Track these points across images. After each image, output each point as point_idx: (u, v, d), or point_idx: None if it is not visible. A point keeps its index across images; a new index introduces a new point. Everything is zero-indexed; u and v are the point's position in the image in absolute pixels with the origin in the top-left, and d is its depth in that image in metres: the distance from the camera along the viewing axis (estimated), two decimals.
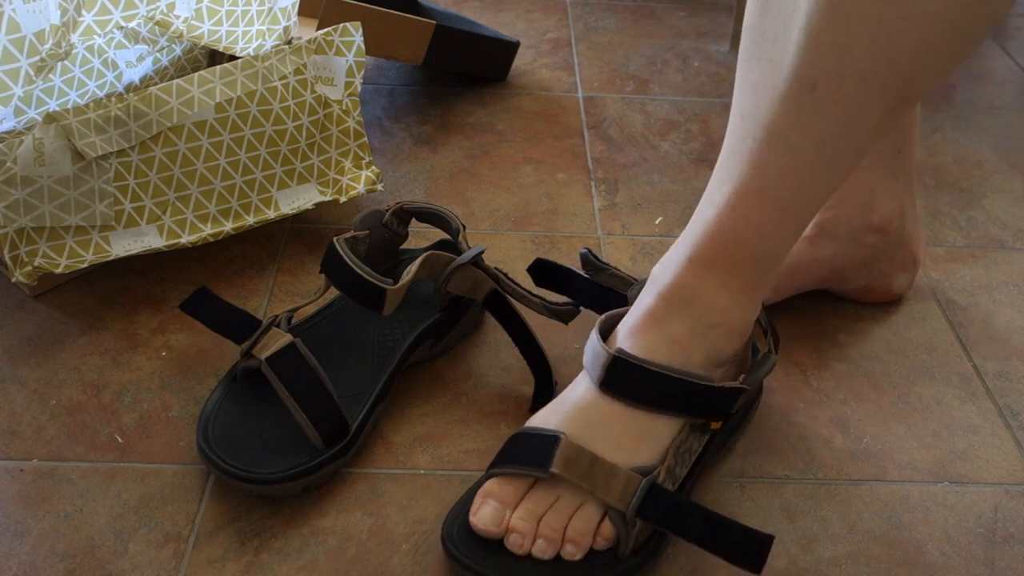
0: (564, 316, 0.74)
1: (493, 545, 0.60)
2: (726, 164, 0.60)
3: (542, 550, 0.59)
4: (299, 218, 0.92)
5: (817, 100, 0.54)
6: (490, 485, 0.61)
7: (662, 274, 0.63)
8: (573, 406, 0.63)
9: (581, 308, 0.75)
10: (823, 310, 0.85)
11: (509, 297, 0.73)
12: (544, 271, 0.77)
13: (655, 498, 0.59)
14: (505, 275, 0.72)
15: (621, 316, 0.66)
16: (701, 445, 0.64)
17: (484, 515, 0.60)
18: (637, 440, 0.61)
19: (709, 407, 0.62)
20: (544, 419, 0.63)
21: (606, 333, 0.66)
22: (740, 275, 0.61)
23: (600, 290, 0.74)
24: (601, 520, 0.59)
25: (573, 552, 0.59)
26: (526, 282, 0.78)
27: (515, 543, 0.59)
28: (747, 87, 0.58)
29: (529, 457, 0.60)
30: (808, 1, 0.52)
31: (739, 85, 0.59)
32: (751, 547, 0.57)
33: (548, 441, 0.60)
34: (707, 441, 0.65)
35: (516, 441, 0.63)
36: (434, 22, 1.05)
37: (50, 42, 0.74)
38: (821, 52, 0.52)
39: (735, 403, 0.63)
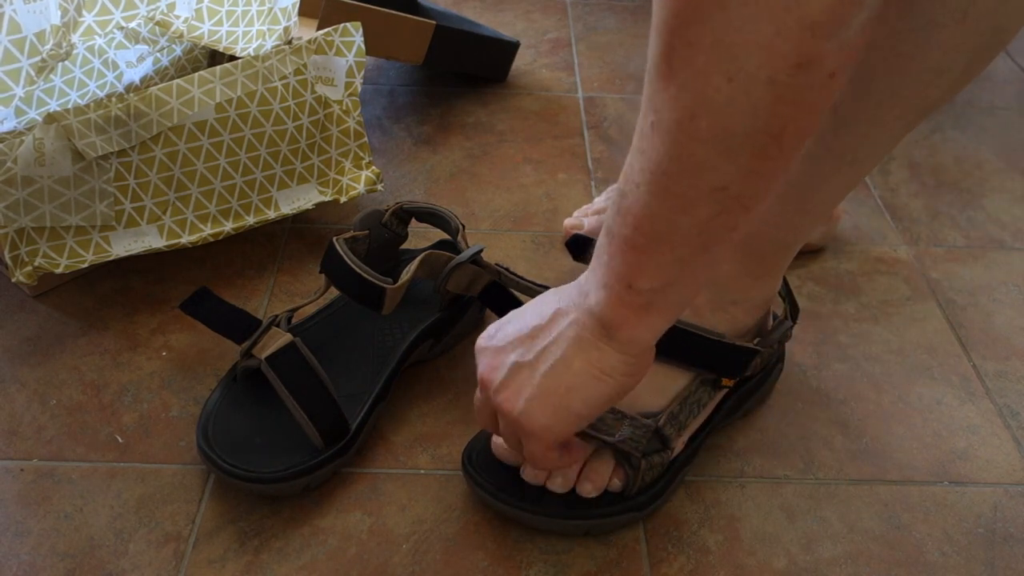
0: None
1: (510, 472, 0.64)
2: None
3: (557, 485, 0.63)
4: (299, 218, 0.92)
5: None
6: None
7: None
8: None
9: None
10: (823, 311, 0.85)
11: (513, 291, 0.73)
12: (579, 246, 0.81)
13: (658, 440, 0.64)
14: (507, 270, 0.72)
15: None
16: (712, 399, 0.68)
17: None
18: (652, 389, 0.65)
19: (720, 362, 0.66)
20: None
21: None
22: (762, 261, 0.64)
23: None
24: (617, 463, 0.64)
25: (589, 489, 0.63)
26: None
27: (531, 474, 0.64)
28: None
29: None
30: None
31: None
32: None
33: None
34: (721, 398, 0.69)
35: None
36: (434, 22, 1.05)
37: (51, 42, 0.74)
38: None
39: (748, 364, 0.66)
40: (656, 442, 0.64)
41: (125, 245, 0.78)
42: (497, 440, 0.65)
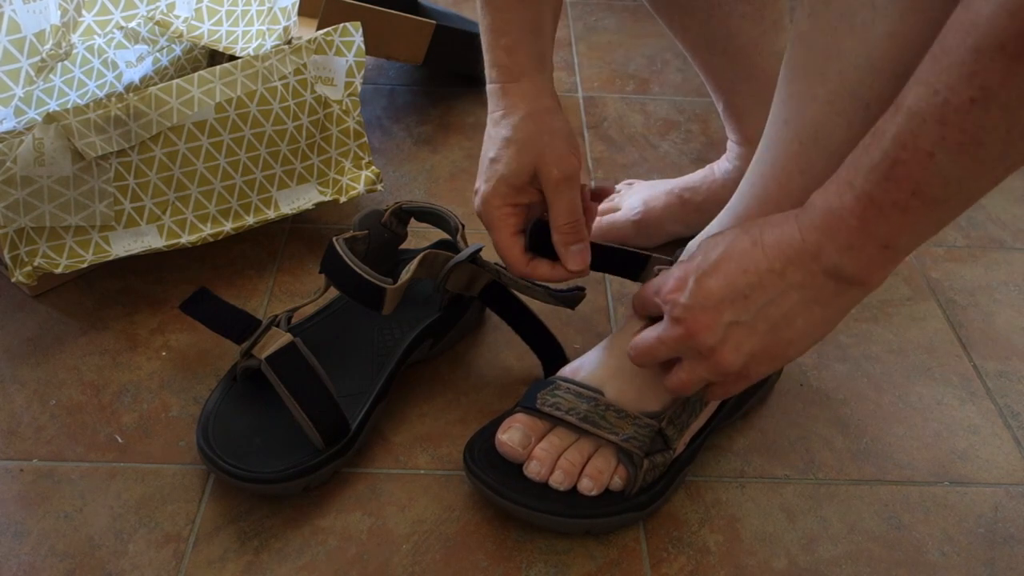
0: (570, 301, 0.74)
1: (511, 469, 0.64)
2: (768, 161, 0.62)
3: (559, 481, 0.63)
4: (299, 218, 0.92)
5: (870, 118, 0.56)
6: (519, 415, 0.66)
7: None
8: (609, 353, 0.67)
9: (586, 292, 0.75)
10: None
11: (512, 290, 0.73)
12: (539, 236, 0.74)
13: (661, 441, 0.65)
14: (506, 269, 0.72)
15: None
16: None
17: (512, 436, 0.64)
18: (655, 389, 0.65)
19: None
20: (579, 365, 0.68)
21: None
22: None
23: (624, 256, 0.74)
24: (619, 462, 0.64)
25: (590, 487, 0.63)
26: None
27: (534, 470, 0.64)
28: (793, 95, 0.59)
29: None
30: (866, 27, 0.54)
31: (784, 91, 0.61)
32: None
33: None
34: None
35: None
36: (434, 22, 1.05)
37: (50, 42, 0.74)
38: (879, 76, 0.54)
39: None
40: (658, 442, 0.64)
41: (125, 245, 0.78)
42: (500, 437, 0.65)
